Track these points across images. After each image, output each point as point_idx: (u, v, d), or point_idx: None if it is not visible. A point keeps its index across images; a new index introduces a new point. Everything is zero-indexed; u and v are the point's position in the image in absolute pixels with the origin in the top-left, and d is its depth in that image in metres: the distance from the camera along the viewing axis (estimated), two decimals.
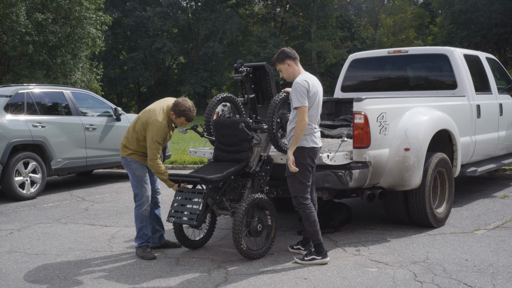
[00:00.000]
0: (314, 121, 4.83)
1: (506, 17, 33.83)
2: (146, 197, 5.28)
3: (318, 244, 4.83)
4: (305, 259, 4.83)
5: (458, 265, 4.68)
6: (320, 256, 4.82)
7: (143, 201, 5.27)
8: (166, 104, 5.22)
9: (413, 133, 5.65)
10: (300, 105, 4.71)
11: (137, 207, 5.30)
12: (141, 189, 5.27)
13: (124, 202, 8.23)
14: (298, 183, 4.81)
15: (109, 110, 10.31)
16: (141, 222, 5.29)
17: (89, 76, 21.53)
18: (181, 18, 38.93)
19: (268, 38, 38.97)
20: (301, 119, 4.71)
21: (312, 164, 4.83)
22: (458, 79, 7.14)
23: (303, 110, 4.70)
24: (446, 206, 6.20)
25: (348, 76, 8.27)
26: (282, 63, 4.95)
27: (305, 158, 4.78)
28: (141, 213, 5.28)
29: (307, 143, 4.78)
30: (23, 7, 18.66)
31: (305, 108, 4.70)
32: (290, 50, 5.01)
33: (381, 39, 42.68)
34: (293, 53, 4.98)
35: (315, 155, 4.84)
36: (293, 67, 4.94)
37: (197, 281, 4.49)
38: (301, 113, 4.71)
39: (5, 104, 8.64)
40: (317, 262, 4.81)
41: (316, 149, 4.85)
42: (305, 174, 4.81)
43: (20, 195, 8.58)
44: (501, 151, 8.16)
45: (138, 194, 5.29)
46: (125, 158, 5.31)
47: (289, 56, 4.94)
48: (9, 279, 4.73)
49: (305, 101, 4.71)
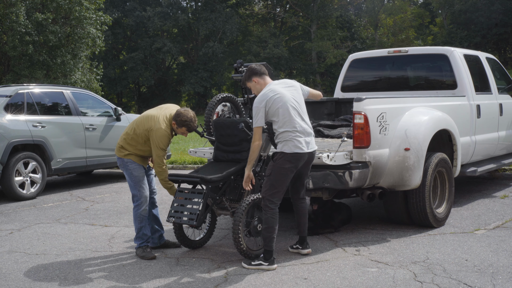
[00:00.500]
0: (290, 125, 4.69)
1: (506, 17, 33.84)
2: (144, 197, 5.29)
3: (268, 251, 4.73)
4: (252, 264, 4.74)
5: (458, 265, 4.68)
6: (267, 262, 4.71)
7: (142, 201, 5.27)
8: (169, 113, 5.22)
9: (413, 133, 5.65)
10: (254, 125, 4.75)
11: (136, 208, 5.29)
12: (139, 190, 5.27)
13: (124, 202, 8.23)
14: (269, 185, 4.74)
15: (109, 110, 10.31)
16: (140, 222, 5.29)
17: (89, 76, 21.52)
18: (181, 18, 38.92)
19: (268, 38, 38.97)
20: (253, 140, 4.76)
21: (293, 169, 4.73)
22: (458, 79, 7.14)
23: (255, 130, 4.74)
24: (446, 206, 6.20)
25: (348, 76, 8.27)
26: (249, 81, 4.98)
27: (285, 163, 4.69)
28: (140, 213, 5.27)
29: (288, 148, 4.68)
30: (23, 7, 18.66)
31: (258, 128, 4.72)
32: (256, 66, 4.99)
33: (381, 39, 42.68)
34: (259, 69, 4.95)
35: (298, 161, 4.72)
36: (260, 83, 4.94)
37: (197, 281, 4.49)
38: (254, 133, 4.76)
39: (5, 104, 8.64)
40: (263, 268, 4.69)
41: (300, 155, 4.71)
42: (279, 179, 4.71)
43: (20, 195, 8.58)
44: (501, 151, 8.16)
45: (136, 194, 5.28)
46: (122, 158, 5.31)
47: (254, 73, 4.93)
48: (9, 279, 4.73)
49: (259, 121, 4.71)
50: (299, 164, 4.76)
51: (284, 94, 4.75)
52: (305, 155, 4.75)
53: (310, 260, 4.98)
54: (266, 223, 4.73)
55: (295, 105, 4.77)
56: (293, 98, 4.79)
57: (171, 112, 5.23)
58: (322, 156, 5.14)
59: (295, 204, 5.13)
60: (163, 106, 5.40)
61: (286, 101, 4.73)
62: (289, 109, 4.72)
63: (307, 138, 4.78)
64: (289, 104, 4.73)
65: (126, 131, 5.33)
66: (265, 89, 4.83)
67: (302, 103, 4.89)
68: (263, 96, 4.76)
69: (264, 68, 5.01)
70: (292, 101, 4.77)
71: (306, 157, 4.77)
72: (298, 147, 4.69)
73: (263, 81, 4.94)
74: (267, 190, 4.75)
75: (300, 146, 4.70)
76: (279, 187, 4.73)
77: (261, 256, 4.78)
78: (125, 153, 5.27)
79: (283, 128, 4.70)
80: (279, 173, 4.71)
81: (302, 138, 4.72)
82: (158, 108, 5.35)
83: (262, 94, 4.79)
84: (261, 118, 4.73)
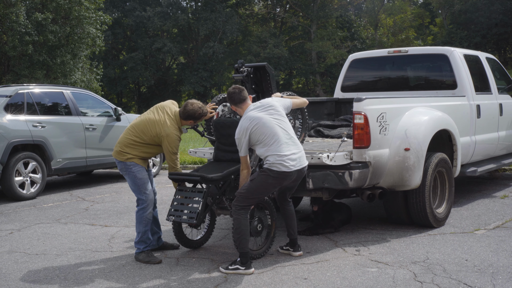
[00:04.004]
0: (275, 150, 4.61)
1: (506, 17, 33.84)
2: (150, 200, 5.19)
3: (243, 254, 4.66)
4: (229, 268, 4.66)
5: (458, 265, 4.68)
6: (244, 266, 4.62)
7: (148, 204, 5.17)
8: (172, 111, 5.13)
9: (413, 133, 5.65)
10: (240, 155, 4.78)
11: (141, 211, 5.17)
12: (145, 193, 5.16)
13: (124, 202, 8.23)
14: (247, 189, 4.69)
15: (109, 110, 10.31)
16: (145, 226, 5.17)
17: (89, 76, 21.53)
18: (181, 18, 38.91)
19: (268, 38, 38.96)
20: (241, 169, 4.82)
21: (276, 185, 4.70)
22: (458, 79, 7.14)
23: (242, 160, 4.78)
24: (446, 206, 6.20)
25: (348, 76, 8.27)
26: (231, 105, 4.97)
27: (268, 178, 4.64)
28: (146, 217, 5.16)
29: (276, 168, 4.62)
30: (23, 7, 18.67)
31: (244, 158, 4.75)
32: (233, 92, 4.88)
33: (381, 39, 42.70)
34: (235, 98, 4.87)
35: (283, 179, 4.66)
36: (238, 111, 4.95)
37: (197, 281, 4.49)
38: (241, 163, 4.81)
39: (5, 104, 8.64)
40: (240, 273, 4.61)
41: (286, 174, 4.63)
42: (258, 189, 4.68)
43: (20, 195, 8.58)
44: (501, 151, 8.16)
45: (141, 198, 5.16)
46: (124, 162, 5.15)
47: (231, 102, 4.92)
48: (9, 279, 4.73)
49: (243, 151, 4.73)
50: (284, 182, 4.71)
51: (261, 118, 4.67)
52: (292, 173, 4.67)
53: (310, 260, 4.98)
54: (234, 224, 4.70)
55: (276, 125, 4.69)
56: (272, 119, 4.70)
57: (175, 110, 5.16)
58: (322, 156, 5.14)
59: (281, 207, 5.10)
60: (159, 106, 5.25)
61: (266, 125, 4.65)
62: (270, 133, 4.64)
63: (295, 155, 4.68)
64: (268, 127, 4.65)
65: (125, 135, 5.18)
66: (242, 118, 4.79)
67: (284, 120, 4.78)
68: (241, 128, 4.72)
69: (243, 93, 4.87)
70: (272, 122, 4.68)
71: (294, 175, 4.70)
72: (286, 166, 4.62)
73: (241, 109, 4.90)
74: (243, 192, 4.69)
75: (287, 165, 4.62)
76: (255, 196, 4.71)
77: (238, 260, 4.69)
78: (127, 157, 5.12)
79: (269, 153, 4.64)
80: (260, 184, 4.67)
81: (290, 157, 4.64)
82: (155, 110, 5.19)
83: (240, 125, 4.75)
84: (244, 148, 4.72)
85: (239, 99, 4.87)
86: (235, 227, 4.69)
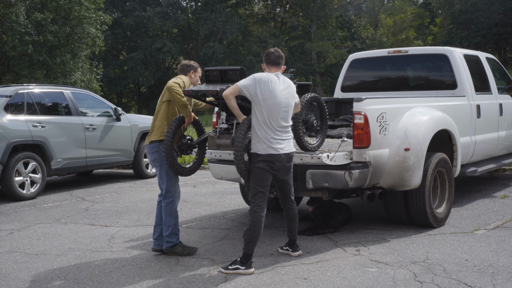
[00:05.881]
0: (270, 125, 4.63)
1: (506, 17, 33.85)
2: (178, 192, 5.27)
3: (246, 255, 4.67)
4: (229, 268, 4.68)
5: (458, 265, 4.68)
6: (244, 266, 4.63)
7: (176, 197, 5.24)
8: (172, 81, 5.19)
9: (413, 133, 5.65)
10: (238, 83, 4.71)
11: (170, 204, 5.20)
12: (175, 185, 5.23)
13: (124, 202, 8.23)
14: (251, 187, 4.75)
15: (109, 110, 10.31)
16: (175, 219, 5.22)
17: (89, 76, 21.51)
18: (181, 18, 38.92)
19: (268, 38, 38.97)
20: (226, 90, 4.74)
21: (269, 169, 4.69)
22: (458, 79, 7.14)
23: (233, 87, 4.71)
24: (446, 206, 6.20)
25: (348, 76, 8.27)
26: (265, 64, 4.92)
27: (258, 163, 4.67)
28: (175, 210, 5.22)
29: (262, 149, 4.64)
30: (23, 7, 18.66)
31: (236, 87, 4.69)
32: (272, 52, 4.84)
33: (381, 39, 42.71)
34: (271, 57, 4.84)
35: (272, 162, 4.66)
36: (266, 71, 4.91)
37: (197, 281, 4.49)
38: (231, 87, 4.72)
39: (5, 104, 8.64)
40: (240, 272, 4.61)
41: (276, 156, 4.64)
42: (257, 179, 4.69)
43: (20, 195, 8.58)
44: (501, 151, 8.16)
45: (170, 190, 5.21)
46: (160, 152, 5.10)
47: (266, 59, 4.86)
48: (9, 279, 4.73)
49: (243, 83, 4.67)
50: (275, 166, 4.70)
51: (276, 96, 4.64)
52: (280, 156, 4.67)
53: (310, 260, 4.98)
54: (249, 225, 4.71)
55: (285, 106, 4.70)
56: (285, 99, 4.70)
57: (173, 80, 5.20)
58: (322, 156, 5.14)
59: (285, 210, 5.09)
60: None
61: (273, 101, 4.64)
62: (268, 109, 4.63)
63: (285, 139, 4.70)
64: (273, 104, 4.64)
65: (158, 122, 5.23)
66: (265, 73, 4.76)
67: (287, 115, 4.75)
68: (255, 76, 4.66)
69: (280, 59, 4.82)
70: (280, 106, 4.67)
71: (282, 158, 4.69)
72: (273, 148, 4.64)
73: (269, 70, 4.84)
74: (250, 192, 4.77)
75: (275, 147, 4.64)
76: (259, 187, 4.71)
77: (238, 260, 4.69)
78: (159, 135, 5.14)
79: (263, 127, 4.62)
80: (255, 173, 4.71)
81: (280, 140, 4.66)
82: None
83: (268, 75, 4.69)
84: (249, 86, 4.60)
85: (273, 61, 4.82)
86: (249, 227, 4.70)
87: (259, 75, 4.68)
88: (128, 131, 10.42)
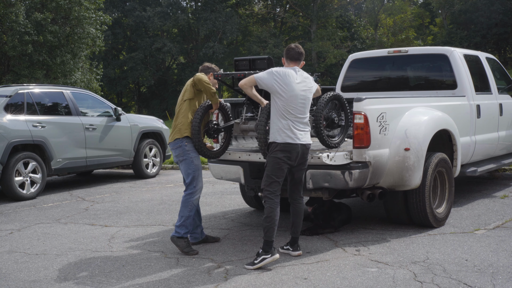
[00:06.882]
0: (290, 116, 4.81)
1: (506, 17, 33.82)
2: (200, 187, 5.36)
3: (268, 242, 4.77)
4: (255, 263, 4.73)
5: (458, 265, 4.68)
6: (269, 254, 4.75)
7: (197, 190, 5.32)
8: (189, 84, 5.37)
9: (413, 133, 5.65)
10: (254, 75, 4.92)
11: (189, 195, 5.30)
12: (198, 179, 5.32)
13: (124, 202, 8.23)
14: (266, 175, 4.87)
15: (109, 110, 10.32)
16: (190, 211, 5.31)
17: (89, 76, 21.51)
18: (181, 18, 38.89)
19: (268, 38, 38.96)
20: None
21: (286, 160, 4.82)
22: (458, 79, 7.14)
23: (250, 77, 4.93)
24: (446, 206, 6.20)
25: (348, 76, 8.27)
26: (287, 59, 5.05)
27: (276, 152, 4.81)
28: (193, 202, 5.31)
29: (280, 138, 4.80)
30: (23, 7, 18.66)
31: (252, 79, 4.91)
32: (293, 48, 5.01)
33: (381, 39, 42.69)
34: (291, 52, 5.00)
35: (289, 152, 4.81)
36: (285, 65, 5.09)
37: (197, 281, 4.49)
38: (247, 78, 4.95)
39: (5, 104, 8.65)
40: (268, 261, 4.73)
41: (293, 145, 4.80)
42: (274, 168, 4.82)
43: (20, 195, 8.58)
44: (501, 151, 8.16)
45: (193, 182, 5.30)
46: (183, 147, 5.27)
47: (286, 54, 5.03)
48: (9, 279, 4.73)
49: (261, 76, 4.88)
50: (292, 156, 4.81)
51: (294, 89, 4.81)
52: (301, 146, 4.84)
53: (310, 260, 4.98)
54: (266, 212, 4.82)
55: (302, 99, 4.87)
56: (301, 91, 4.86)
57: (199, 74, 5.35)
58: (322, 156, 5.14)
59: (292, 204, 5.15)
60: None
61: (291, 94, 4.81)
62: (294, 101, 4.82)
63: (303, 131, 4.88)
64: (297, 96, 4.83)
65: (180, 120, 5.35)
66: (288, 69, 4.91)
67: (309, 97, 4.96)
68: (285, 72, 4.83)
69: (300, 56, 5.00)
70: (301, 94, 4.86)
71: (299, 148, 4.84)
72: (291, 137, 4.80)
73: (287, 65, 5.02)
74: (265, 181, 4.88)
75: (293, 136, 4.81)
76: (275, 176, 4.83)
77: (261, 252, 4.78)
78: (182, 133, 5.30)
79: (282, 117, 4.79)
80: (273, 162, 4.82)
81: (297, 131, 4.83)
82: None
83: (285, 69, 4.87)
84: (265, 79, 4.82)
85: (293, 56, 4.99)
86: (266, 215, 4.80)
87: (276, 69, 4.88)
88: (128, 131, 10.43)
